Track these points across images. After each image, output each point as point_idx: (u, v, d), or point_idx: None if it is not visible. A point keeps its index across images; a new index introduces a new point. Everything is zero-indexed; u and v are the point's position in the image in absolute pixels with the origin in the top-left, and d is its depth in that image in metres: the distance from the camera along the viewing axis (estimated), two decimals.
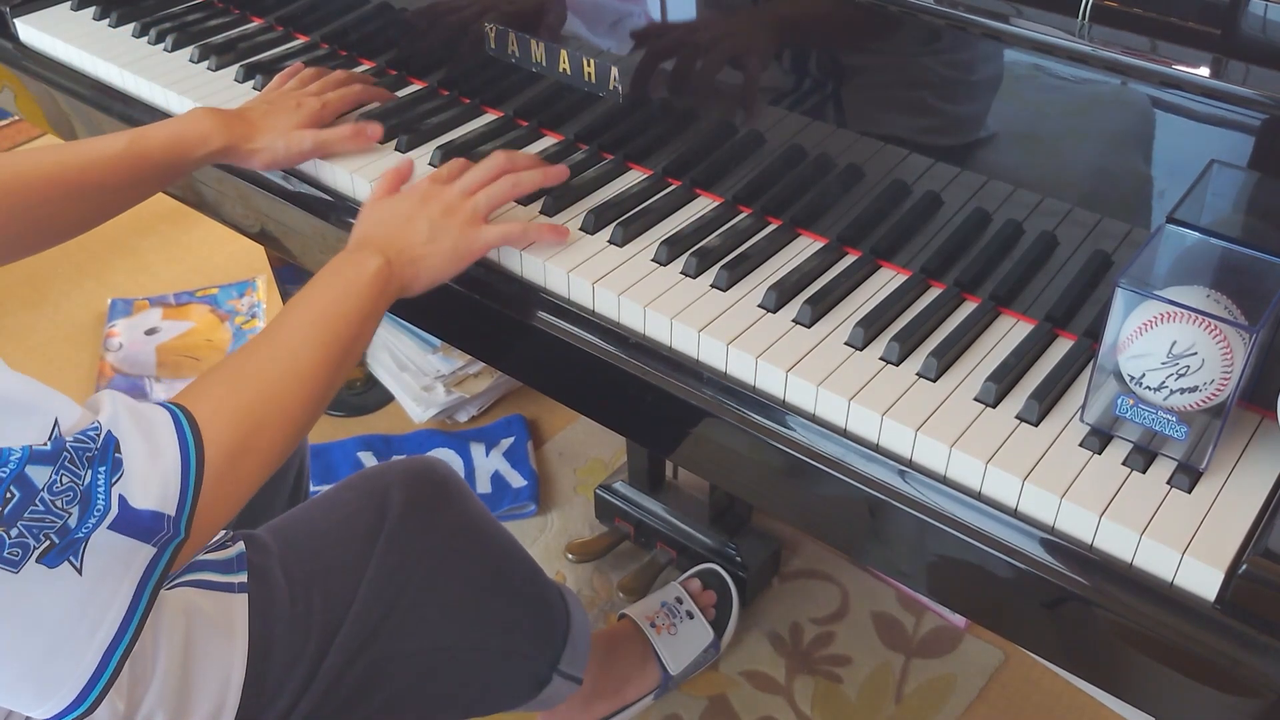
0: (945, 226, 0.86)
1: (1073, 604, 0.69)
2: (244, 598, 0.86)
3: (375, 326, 0.85)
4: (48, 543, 0.60)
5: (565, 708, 1.25)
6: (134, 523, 0.64)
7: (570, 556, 1.53)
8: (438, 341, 1.73)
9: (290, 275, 1.73)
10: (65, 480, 0.61)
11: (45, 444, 0.61)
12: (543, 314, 0.90)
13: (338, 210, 1.03)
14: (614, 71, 0.97)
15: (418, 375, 1.76)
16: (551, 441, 1.75)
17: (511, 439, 1.73)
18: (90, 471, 0.62)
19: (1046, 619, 0.72)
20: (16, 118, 2.39)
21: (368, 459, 1.71)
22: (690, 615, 1.39)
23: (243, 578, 0.87)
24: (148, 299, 2.06)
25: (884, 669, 1.41)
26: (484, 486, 1.66)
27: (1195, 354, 0.67)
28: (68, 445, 0.61)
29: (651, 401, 0.85)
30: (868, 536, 0.79)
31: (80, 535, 0.62)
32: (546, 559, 1.55)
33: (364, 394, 1.84)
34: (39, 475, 0.60)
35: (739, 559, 1.44)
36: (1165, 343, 0.67)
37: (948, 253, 0.86)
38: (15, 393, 0.62)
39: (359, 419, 1.81)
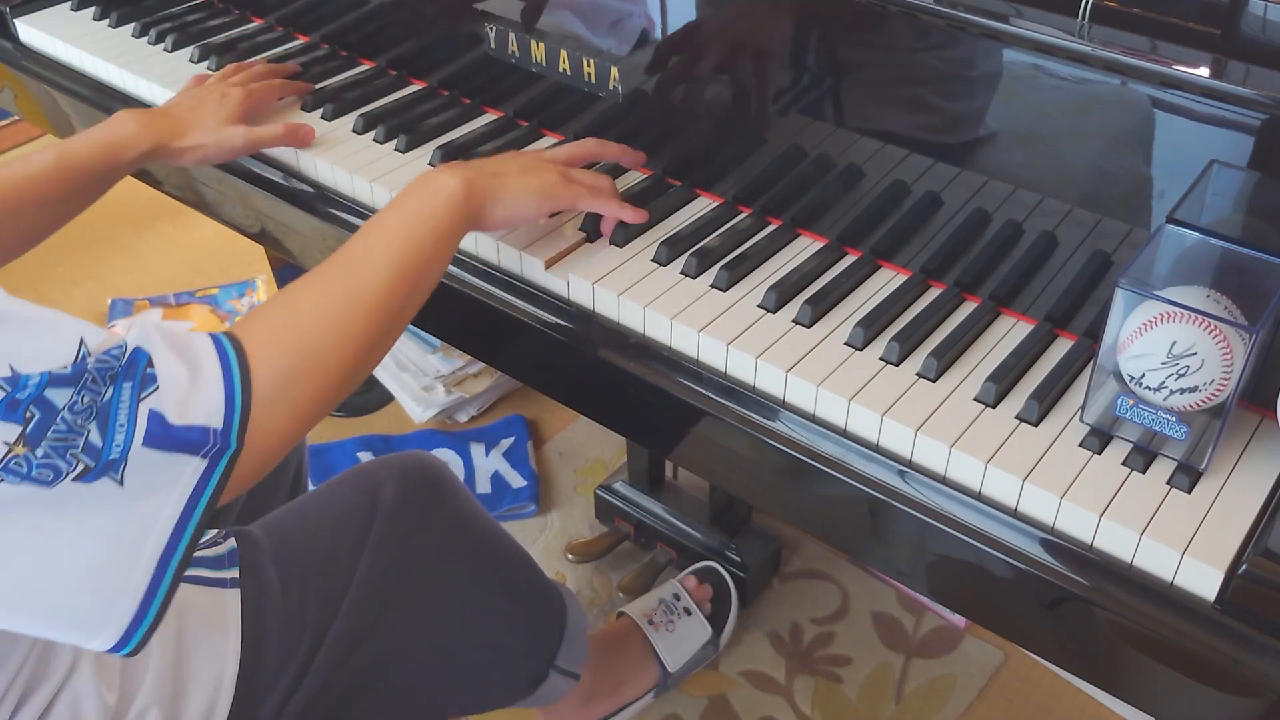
0: (945, 226, 0.86)
1: (1073, 604, 0.69)
2: (236, 593, 0.86)
3: (451, 252, 0.82)
4: (81, 466, 0.59)
5: (564, 706, 1.24)
6: (175, 438, 0.62)
7: (570, 556, 1.53)
8: (438, 341, 1.73)
9: (290, 275, 1.73)
10: (86, 399, 0.60)
11: (65, 368, 0.60)
12: (542, 314, 0.90)
13: (338, 211, 1.03)
14: (614, 71, 0.97)
15: (418, 375, 1.76)
16: (551, 441, 1.75)
17: (511, 439, 1.73)
18: (113, 388, 0.61)
19: (1046, 619, 0.72)
20: (16, 118, 2.39)
21: (366, 458, 1.71)
22: (688, 612, 1.39)
23: (235, 573, 0.87)
24: (148, 299, 2.06)
25: (884, 669, 1.41)
26: (484, 486, 1.66)
27: (1195, 354, 0.67)
28: (89, 366, 0.60)
29: (651, 401, 0.85)
30: (868, 536, 0.79)
31: (115, 456, 0.60)
32: (546, 559, 1.55)
33: (364, 394, 1.84)
34: (59, 397, 0.59)
35: (739, 559, 1.44)
36: (1165, 343, 0.67)
37: (948, 253, 0.86)
38: (34, 312, 0.61)
39: (359, 419, 1.81)
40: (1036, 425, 0.75)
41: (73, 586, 0.61)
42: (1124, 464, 0.72)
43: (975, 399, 0.77)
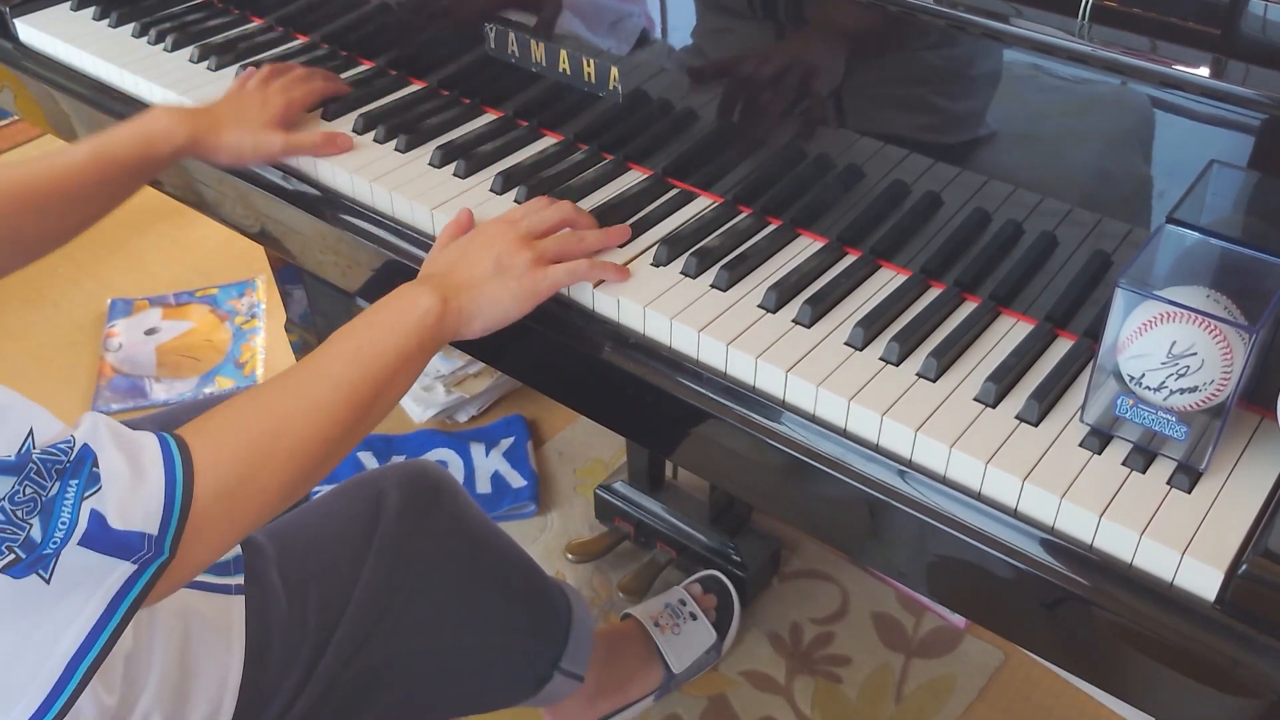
0: (945, 226, 0.86)
1: (1072, 604, 0.69)
2: (240, 599, 0.86)
3: (419, 368, 0.80)
4: (12, 556, 0.58)
5: (569, 704, 1.25)
6: (110, 541, 0.61)
7: (570, 556, 1.53)
8: None
9: (290, 275, 1.73)
10: (28, 491, 0.59)
11: (11, 455, 0.59)
12: (542, 314, 0.90)
13: (338, 211, 1.03)
14: (614, 71, 0.97)
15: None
16: (551, 441, 1.75)
17: (511, 439, 1.73)
18: (59, 484, 0.60)
19: (1046, 619, 0.72)
20: (16, 118, 2.39)
21: (368, 459, 1.71)
22: (694, 616, 1.40)
23: (239, 580, 0.87)
24: (148, 299, 2.06)
25: (884, 669, 1.41)
26: (484, 486, 1.66)
27: (1195, 354, 0.67)
28: (34, 457, 0.59)
29: (651, 401, 0.85)
30: (868, 536, 0.79)
31: (48, 551, 0.59)
32: (546, 559, 1.55)
33: None
34: (1, 485, 0.58)
35: (739, 559, 1.44)
36: (1165, 343, 0.67)
37: (948, 253, 0.86)
38: None
39: None
40: (1036, 425, 0.75)
41: None
42: (1124, 464, 0.72)
43: (975, 399, 0.77)
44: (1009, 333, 0.83)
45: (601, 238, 0.89)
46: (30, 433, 0.60)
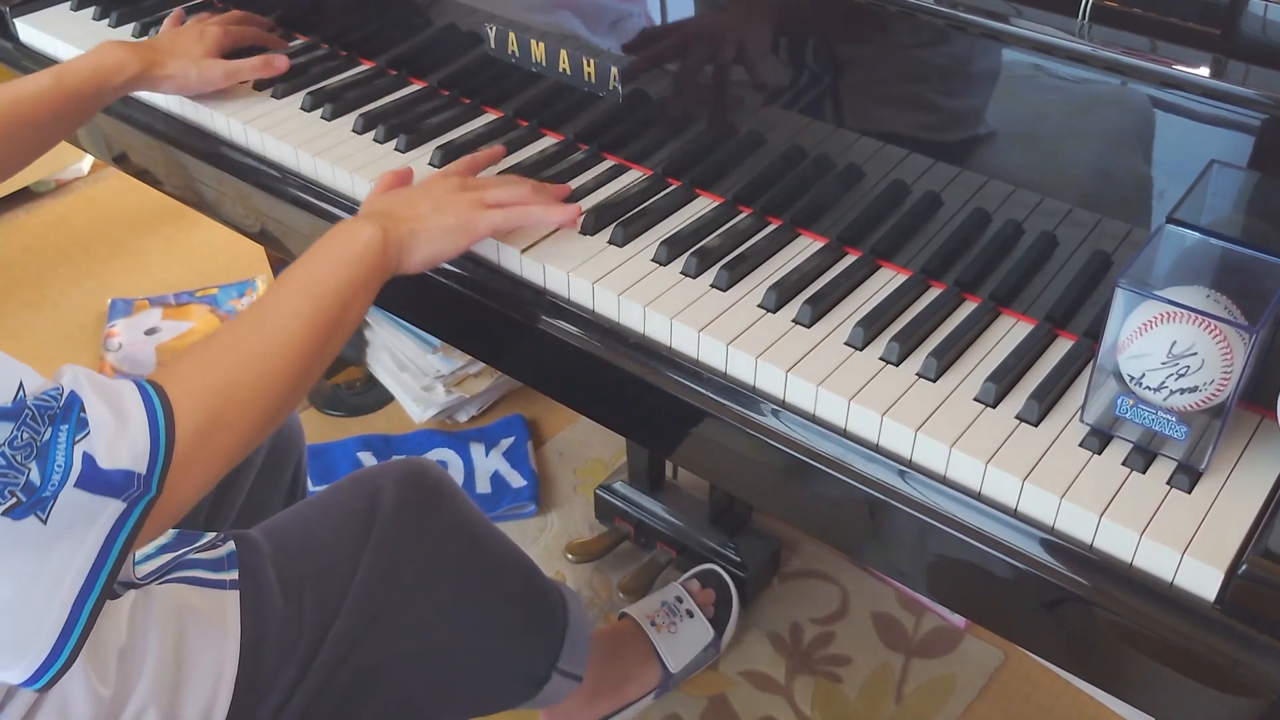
0: (945, 226, 0.86)
1: (1073, 604, 0.69)
2: (235, 594, 0.86)
3: (369, 299, 0.83)
4: (14, 500, 0.61)
5: (567, 705, 1.25)
6: (102, 481, 0.64)
7: (570, 556, 1.53)
8: (438, 341, 1.73)
9: None
10: (25, 436, 0.62)
11: (8, 403, 0.62)
12: (542, 314, 0.90)
13: (338, 211, 1.03)
14: (614, 71, 0.97)
15: (418, 375, 1.76)
16: (551, 441, 1.75)
17: (511, 439, 1.73)
18: (51, 429, 0.63)
19: (1046, 619, 0.72)
20: None
21: (368, 459, 1.71)
22: (690, 614, 1.39)
23: (234, 575, 0.87)
24: (148, 299, 2.06)
25: (884, 669, 1.41)
26: (484, 486, 1.66)
27: (1195, 354, 0.67)
28: (29, 404, 0.62)
29: (651, 402, 0.85)
30: (868, 536, 0.79)
31: (47, 494, 0.62)
32: (546, 559, 1.55)
33: (364, 394, 1.84)
34: (1, 431, 0.61)
35: (739, 559, 1.44)
36: (1165, 343, 0.67)
37: (948, 253, 0.86)
38: None
39: (359, 419, 1.81)
40: (1036, 425, 0.75)
41: None
42: (1124, 464, 0.72)
43: (975, 399, 0.77)
44: (1009, 333, 0.83)
45: (552, 214, 0.91)
46: (21, 384, 0.63)
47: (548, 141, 1.06)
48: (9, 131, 0.96)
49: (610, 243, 0.92)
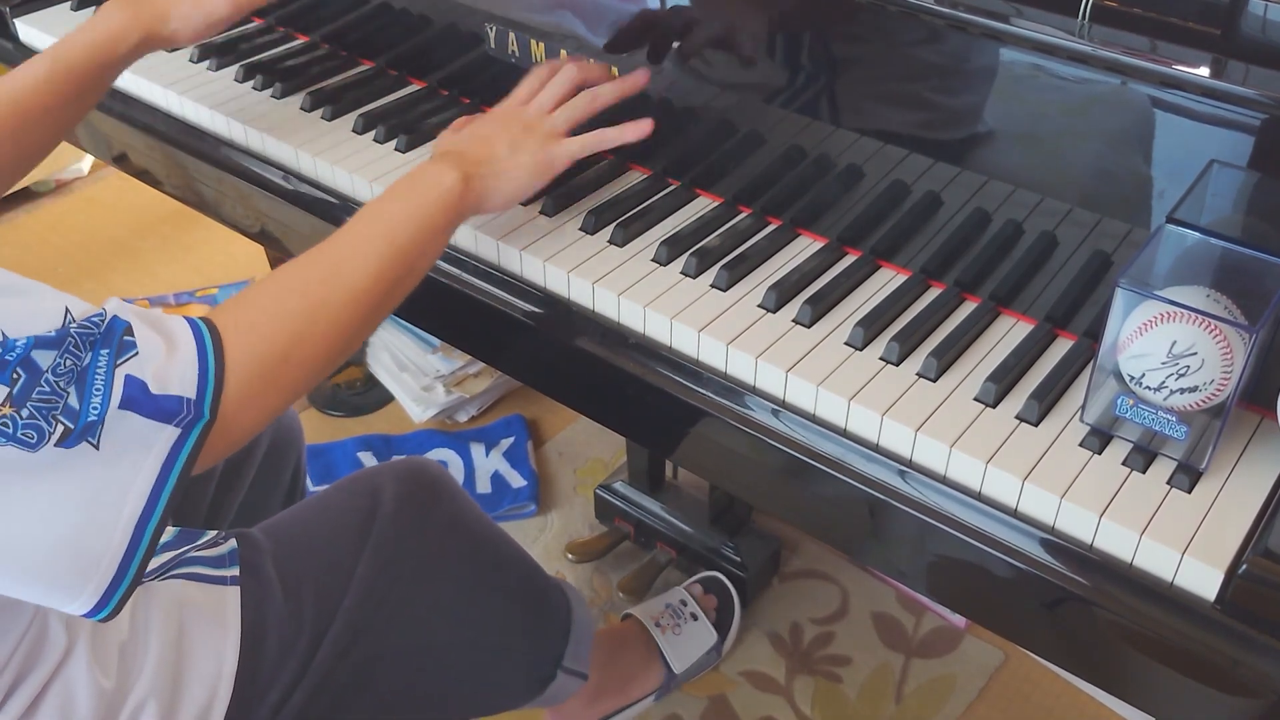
0: (945, 226, 0.86)
1: (1073, 604, 0.69)
2: (235, 591, 0.86)
3: (444, 243, 0.83)
4: (62, 428, 0.60)
5: (571, 704, 1.25)
6: (151, 405, 0.64)
7: (570, 556, 1.53)
8: (438, 341, 1.73)
9: None
10: (69, 363, 0.62)
11: (52, 331, 0.62)
12: (542, 314, 0.90)
13: (338, 210, 1.03)
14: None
15: (418, 375, 1.76)
16: (551, 441, 1.75)
17: (511, 439, 1.73)
18: (91, 354, 0.62)
19: (1046, 619, 0.72)
20: None
21: (368, 459, 1.71)
22: (694, 617, 1.40)
23: (235, 571, 0.87)
24: (148, 299, 2.06)
25: (884, 669, 1.41)
26: (484, 486, 1.66)
27: (1195, 354, 0.67)
28: (71, 330, 0.62)
29: (651, 402, 0.85)
30: (868, 536, 0.79)
31: (93, 418, 0.62)
32: (546, 559, 1.55)
33: (364, 394, 1.84)
34: (43, 359, 0.61)
35: (739, 559, 1.44)
36: (1165, 343, 0.67)
37: (948, 253, 0.86)
38: (23, 282, 0.64)
39: (359, 419, 1.81)
40: (1036, 425, 0.75)
41: (53, 549, 0.62)
42: (1124, 464, 0.72)
43: (975, 399, 0.77)
44: (1009, 333, 0.83)
45: (617, 88, 0.92)
46: (67, 310, 0.63)
47: None
48: (20, 124, 0.92)
49: (610, 243, 0.92)
